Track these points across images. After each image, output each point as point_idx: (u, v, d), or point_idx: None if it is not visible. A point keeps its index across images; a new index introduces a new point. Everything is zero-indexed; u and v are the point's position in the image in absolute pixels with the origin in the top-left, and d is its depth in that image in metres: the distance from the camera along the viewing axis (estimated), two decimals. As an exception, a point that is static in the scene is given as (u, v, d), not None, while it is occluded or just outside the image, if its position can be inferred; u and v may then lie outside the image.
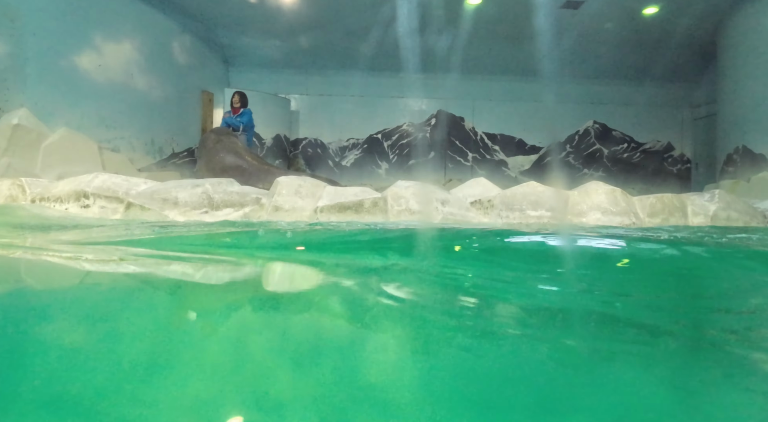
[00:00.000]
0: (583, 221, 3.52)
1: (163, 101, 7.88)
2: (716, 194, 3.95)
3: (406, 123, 10.59)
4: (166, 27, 7.93)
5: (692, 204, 3.83)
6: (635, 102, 10.74)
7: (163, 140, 7.97)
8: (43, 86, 6.17)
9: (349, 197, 3.51)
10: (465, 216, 3.57)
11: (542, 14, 8.02)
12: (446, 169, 10.61)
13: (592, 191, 3.70)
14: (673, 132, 10.88)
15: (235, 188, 3.79)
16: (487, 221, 3.57)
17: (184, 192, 3.62)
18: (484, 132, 10.68)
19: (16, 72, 5.98)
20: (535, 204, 3.58)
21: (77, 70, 6.58)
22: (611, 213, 3.56)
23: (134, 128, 7.34)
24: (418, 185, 3.69)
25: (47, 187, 3.91)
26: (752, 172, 6.88)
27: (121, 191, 3.67)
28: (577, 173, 10.69)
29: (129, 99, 7.25)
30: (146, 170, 7.46)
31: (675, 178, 10.79)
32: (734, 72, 7.54)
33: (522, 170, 10.69)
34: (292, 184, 3.58)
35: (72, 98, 6.50)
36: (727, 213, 3.78)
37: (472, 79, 10.41)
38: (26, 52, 6.00)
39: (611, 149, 10.83)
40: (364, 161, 10.49)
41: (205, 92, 9.09)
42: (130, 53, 7.27)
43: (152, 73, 7.64)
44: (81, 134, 6.50)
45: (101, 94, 6.84)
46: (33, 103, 6.05)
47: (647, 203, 3.77)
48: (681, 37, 8.80)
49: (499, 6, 7.78)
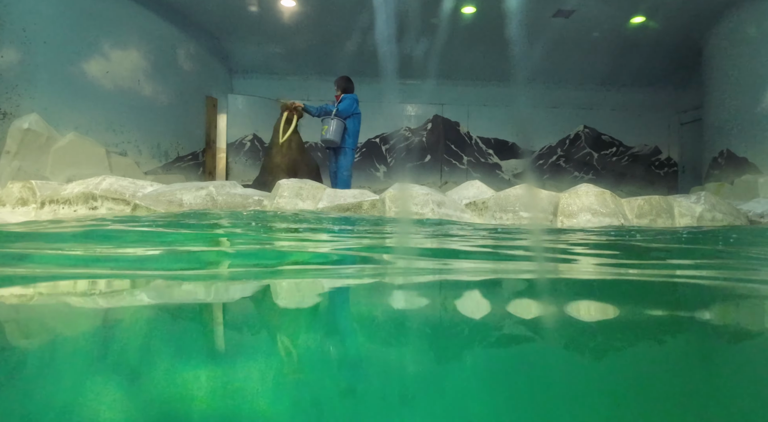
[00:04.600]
0: (573, 222, 3.53)
1: (168, 107, 7.87)
2: (702, 196, 3.97)
3: (404, 128, 10.60)
4: (171, 35, 7.93)
5: (679, 206, 3.84)
6: (624, 107, 10.79)
7: (169, 143, 7.96)
8: (53, 92, 6.17)
9: (348, 198, 3.51)
10: (460, 217, 3.57)
11: (534, 23, 8.05)
12: (442, 172, 10.62)
13: (583, 193, 3.71)
14: (660, 136, 10.91)
15: (238, 190, 3.79)
16: (481, 222, 3.58)
17: (189, 194, 3.62)
18: (479, 136, 10.70)
19: (27, 78, 5.97)
20: (528, 206, 3.59)
21: (86, 76, 6.57)
22: (601, 214, 3.57)
23: (141, 132, 7.34)
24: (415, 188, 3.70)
25: (57, 189, 3.91)
26: (736, 175, 6.90)
27: (128, 194, 3.67)
28: (569, 175, 10.71)
29: (136, 104, 7.25)
30: (152, 173, 7.45)
31: (662, 181, 10.82)
32: (718, 79, 7.57)
33: (515, 173, 10.71)
34: (293, 186, 3.58)
35: (80, 104, 6.49)
36: (712, 214, 3.80)
37: (467, 85, 10.44)
38: (37, 59, 6.00)
39: (601, 153, 10.86)
40: (363, 165, 10.49)
41: (209, 98, 9.08)
42: (137, 60, 7.27)
43: (158, 79, 7.64)
44: (89, 138, 6.50)
45: (109, 99, 6.84)
46: (43, 109, 6.05)
47: (635, 204, 3.78)
48: (667, 45, 8.83)
49: (492, 15, 7.79)
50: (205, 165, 9.00)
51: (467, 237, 2.80)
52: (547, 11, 7.61)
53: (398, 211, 3.45)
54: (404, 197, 3.55)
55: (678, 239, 3.06)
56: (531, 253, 2.42)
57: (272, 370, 0.86)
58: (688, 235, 3.22)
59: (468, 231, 3.00)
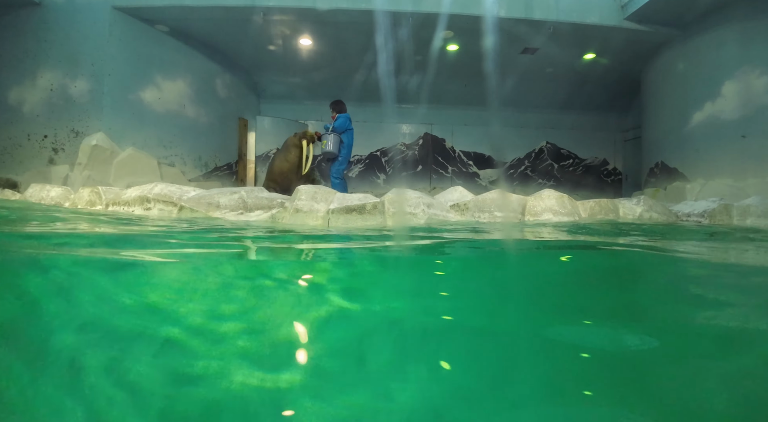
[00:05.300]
0: (538, 219, 3.53)
1: (208, 126, 7.88)
2: (641, 199, 3.97)
3: (400, 143, 10.60)
4: (211, 68, 7.93)
5: (623, 207, 3.84)
6: (579, 127, 10.78)
7: (208, 156, 7.97)
8: (116, 115, 6.18)
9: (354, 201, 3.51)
10: (446, 216, 3.57)
11: (506, 59, 8.06)
12: (431, 179, 10.61)
13: (545, 196, 3.71)
14: (608, 150, 10.91)
15: (265, 194, 3.79)
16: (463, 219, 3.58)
17: (225, 197, 3.62)
18: (461, 150, 10.69)
19: (95, 104, 5.99)
20: (501, 207, 3.59)
21: (142, 102, 6.58)
22: (560, 214, 3.57)
23: (185, 147, 7.34)
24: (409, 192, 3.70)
25: (118, 194, 3.91)
26: (668, 182, 6.90)
27: (175, 197, 3.67)
28: (534, 182, 10.70)
29: (181, 124, 7.26)
30: (195, 180, 7.46)
31: (609, 187, 10.82)
32: (654, 104, 7.58)
33: (491, 181, 10.70)
34: (310, 191, 3.58)
35: (137, 124, 6.50)
36: (650, 214, 3.80)
37: (452, 108, 10.43)
38: (103, 88, 6.01)
39: (560, 164, 10.85)
40: (367, 173, 10.48)
41: (241, 119, 9.09)
42: (183, 89, 7.28)
43: (200, 104, 7.65)
44: (144, 152, 6.50)
45: (160, 120, 6.85)
46: (108, 128, 6.06)
47: (588, 205, 3.78)
48: (613, 78, 8.84)
49: (472, 52, 7.80)
50: (238, 174, 9.00)
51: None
52: (516, 49, 7.62)
53: (395, 211, 3.45)
54: (400, 200, 3.56)
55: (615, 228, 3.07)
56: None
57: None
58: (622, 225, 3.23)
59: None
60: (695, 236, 2.74)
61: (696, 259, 1.74)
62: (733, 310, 1.05)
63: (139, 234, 2.24)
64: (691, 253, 1.90)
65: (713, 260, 1.75)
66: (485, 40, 7.06)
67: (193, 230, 2.48)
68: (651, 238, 2.40)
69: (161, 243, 1.89)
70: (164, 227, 2.60)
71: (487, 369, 0.77)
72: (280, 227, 2.95)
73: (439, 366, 0.75)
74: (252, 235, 2.37)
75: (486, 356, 0.80)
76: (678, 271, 1.55)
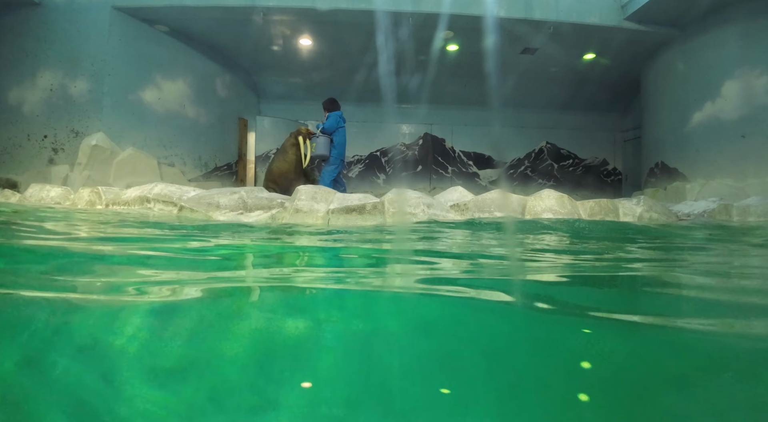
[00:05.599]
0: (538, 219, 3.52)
1: (208, 126, 7.88)
2: (641, 200, 3.96)
3: (400, 143, 10.59)
4: (211, 69, 7.93)
5: (623, 207, 3.84)
6: (579, 127, 10.78)
7: (208, 156, 7.96)
8: (116, 115, 6.18)
9: (354, 201, 3.51)
10: (446, 216, 3.57)
11: (506, 59, 8.06)
12: (431, 179, 10.61)
13: (545, 196, 3.71)
14: (607, 151, 10.91)
15: (265, 194, 3.78)
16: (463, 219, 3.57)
17: (225, 198, 3.62)
18: (461, 150, 10.69)
19: (95, 104, 5.99)
20: (501, 207, 3.59)
21: (142, 102, 6.58)
22: (560, 214, 3.57)
23: (185, 147, 7.34)
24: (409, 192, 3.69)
25: (118, 194, 3.91)
26: (668, 182, 6.90)
27: (175, 197, 3.66)
28: (534, 182, 10.70)
29: (181, 124, 7.25)
30: (195, 180, 7.46)
31: (609, 187, 10.82)
32: (654, 104, 7.58)
33: (491, 181, 10.70)
34: (309, 191, 3.58)
35: (137, 124, 6.50)
36: (649, 214, 3.80)
37: (452, 108, 10.42)
38: (103, 88, 6.01)
39: (560, 164, 10.85)
40: (367, 174, 10.48)
41: (241, 119, 9.09)
42: (183, 89, 7.28)
43: (200, 104, 7.65)
44: (144, 152, 6.50)
45: (160, 121, 6.84)
46: (107, 128, 6.06)
47: (588, 205, 3.78)
48: (613, 77, 8.84)
49: (472, 52, 7.80)
50: (238, 174, 9.00)
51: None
52: (516, 49, 7.62)
53: (395, 211, 3.45)
54: (400, 200, 3.55)
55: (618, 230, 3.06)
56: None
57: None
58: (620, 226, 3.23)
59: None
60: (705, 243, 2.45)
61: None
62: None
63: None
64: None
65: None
66: (485, 40, 7.06)
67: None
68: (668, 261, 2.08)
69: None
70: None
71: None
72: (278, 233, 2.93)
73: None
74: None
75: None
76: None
